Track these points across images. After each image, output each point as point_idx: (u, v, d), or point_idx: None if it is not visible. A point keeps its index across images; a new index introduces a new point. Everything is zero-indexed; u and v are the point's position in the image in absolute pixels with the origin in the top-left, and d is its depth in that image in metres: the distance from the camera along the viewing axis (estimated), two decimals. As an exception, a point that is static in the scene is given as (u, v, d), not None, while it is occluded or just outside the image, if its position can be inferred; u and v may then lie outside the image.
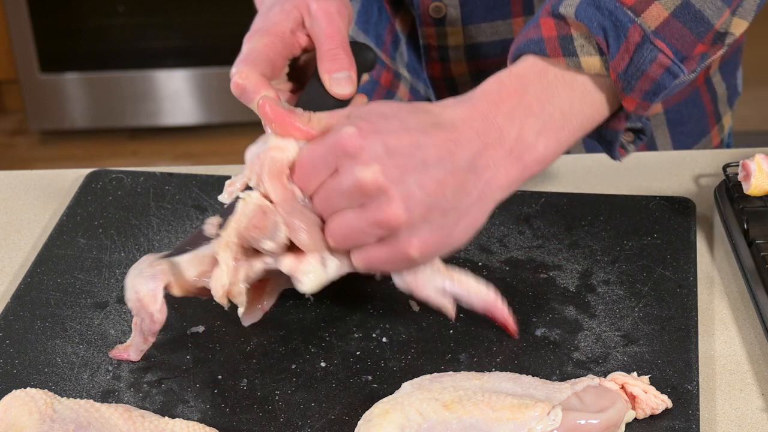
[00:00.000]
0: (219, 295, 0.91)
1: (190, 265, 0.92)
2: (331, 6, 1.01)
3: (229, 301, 0.91)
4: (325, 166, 0.88)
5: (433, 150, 0.88)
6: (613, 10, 0.92)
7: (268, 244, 0.90)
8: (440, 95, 1.27)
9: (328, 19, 1.00)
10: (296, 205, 0.90)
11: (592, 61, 0.93)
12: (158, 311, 0.92)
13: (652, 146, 1.31)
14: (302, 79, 1.05)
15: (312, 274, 0.91)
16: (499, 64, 1.24)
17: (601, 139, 0.99)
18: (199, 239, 0.94)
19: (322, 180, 0.89)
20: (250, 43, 1.01)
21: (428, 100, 1.30)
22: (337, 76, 0.99)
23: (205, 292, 0.92)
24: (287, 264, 0.91)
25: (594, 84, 0.94)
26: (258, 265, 0.92)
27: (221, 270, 0.90)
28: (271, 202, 0.90)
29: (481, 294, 0.96)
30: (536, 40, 0.94)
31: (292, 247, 0.91)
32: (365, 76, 1.05)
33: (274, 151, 0.91)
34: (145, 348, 0.94)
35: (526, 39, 0.95)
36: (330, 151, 0.88)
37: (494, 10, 1.21)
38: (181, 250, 0.94)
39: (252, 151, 0.93)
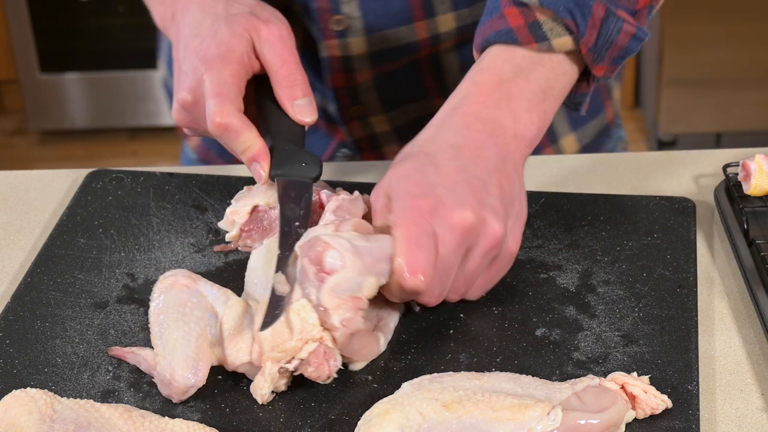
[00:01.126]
0: (260, 401, 0.91)
1: (234, 350, 0.92)
2: (282, 29, 1.00)
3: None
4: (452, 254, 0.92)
5: (478, 167, 0.94)
6: None
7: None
8: (342, 104, 1.27)
9: (282, 43, 1.00)
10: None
11: (563, 41, 0.99)
12: (179, 399, 0.92)
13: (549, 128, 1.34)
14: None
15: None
16: (404, 65, 1.25)
17: (569, 102, 1.05)
18: (278, 300, 0.92)
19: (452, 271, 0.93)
20: (215, 74, 0.99)
21: (325, 110, 1.29)
22: (300, 103, 1.00)
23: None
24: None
25: (561, 58, 1.00)
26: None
27: (265, 381, 0.90)
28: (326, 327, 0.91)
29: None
30: (506, 31, 0.99)
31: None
32: None
33: (360, 316, 0.90)
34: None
35: (494, 31, 0.99)
36: (454, 247, 0.91)
37: (396, 17, 1.21)
38: (271, 318, 0.91)
39: (335, 291, 0.90)
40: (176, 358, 0.91)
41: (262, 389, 0.90)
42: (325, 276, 0.90)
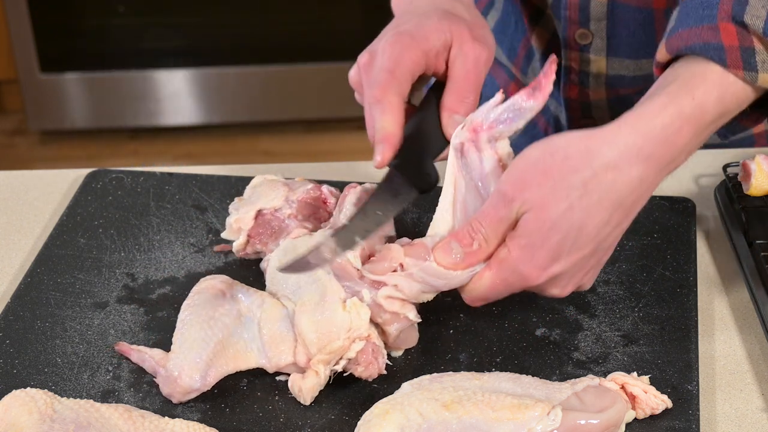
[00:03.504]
0: (307, 403, 0.91)
1: (277, 351, 0.92)
2: (483, 52, 0.98)
3: None
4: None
5: (614, 236, 0.91)
6: None
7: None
8: (573, 115, 1.27)
9: (475, 63, 0.98)
10: None
11: None
12: (179, 400, 0.92)
13: None
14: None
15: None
16: (639, 92, 1.21)
17: (726, 127, 0.97)
18: (317, 258, 0.92)
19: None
20: (396, 50, 0.97)
21: (557, 118, 1.29)
22: (457, 118, 0.97)
23: None
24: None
25: (750, 94, 0.93)
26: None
27: (315, 381, 0.91)
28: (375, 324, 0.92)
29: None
30: (715, 46, 0.91)
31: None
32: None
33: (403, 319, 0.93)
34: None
35: (702, 41, 0.91)
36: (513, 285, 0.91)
37: (640, 50, 1.20)
38: (300, 268, 0.91)
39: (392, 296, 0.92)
40: (189, 358, 0.91)
41: (313, 391, 0.91)
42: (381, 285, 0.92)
